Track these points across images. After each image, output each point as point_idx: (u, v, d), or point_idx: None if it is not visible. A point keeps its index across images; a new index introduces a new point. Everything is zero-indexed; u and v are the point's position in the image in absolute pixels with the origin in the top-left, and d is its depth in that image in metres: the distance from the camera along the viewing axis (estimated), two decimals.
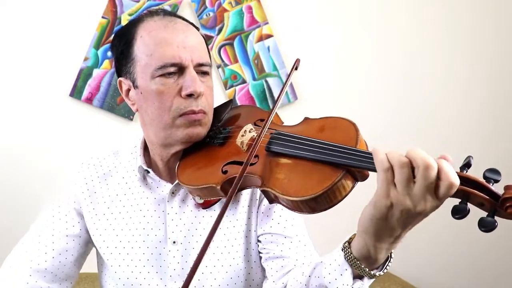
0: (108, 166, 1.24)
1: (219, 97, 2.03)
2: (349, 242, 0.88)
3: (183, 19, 1.15)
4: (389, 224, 0.78)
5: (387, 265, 0.87)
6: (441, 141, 2.38)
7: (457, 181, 0.73)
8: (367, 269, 0.85)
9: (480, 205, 0.75)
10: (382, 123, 2.35)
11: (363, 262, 0.85)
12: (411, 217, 0.76)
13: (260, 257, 1.16)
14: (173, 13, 1.16)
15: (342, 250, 0.88)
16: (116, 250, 1.15)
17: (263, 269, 1.16)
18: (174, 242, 1.13)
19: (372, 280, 0.89)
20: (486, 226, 0.72)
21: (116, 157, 1.26)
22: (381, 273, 0.87)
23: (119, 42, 1.13)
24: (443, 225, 2.34)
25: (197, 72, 1.08)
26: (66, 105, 2.24)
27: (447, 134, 2.40)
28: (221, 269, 1.12)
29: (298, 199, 0.84)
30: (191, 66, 1.07)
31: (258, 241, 1.15)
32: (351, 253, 0.86)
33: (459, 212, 0.73)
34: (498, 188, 0.75)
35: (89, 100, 2.24)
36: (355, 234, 0.86)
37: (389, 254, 0.87)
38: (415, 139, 2.37)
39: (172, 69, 1.06)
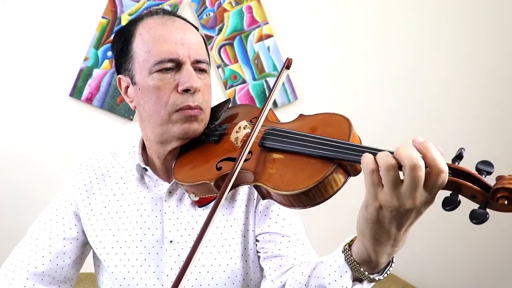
0: (106, 167, 1.24)
1: (219, 97, 2.03)
2: (350, 244, 0.87)
3: (183, 18, 1.16)
4: (383, 226, 0.76)
5: (387, 269, 0.86)
6: (441, 141, 2.35)
7: (445, 168, 0.71)
8: (367, 273, 0.84)
9: (472, 197, 0.74)
10: (382, 123, 2.35)
11: (363, 266, 0.84)
12: (402, 216, 0.75)
13: (258, 257, 1.15)
14: (172, 13, 1.16)
15: (343, 252, 0.87)
16: (113, 250, 1.15)
17: (261, 269, 1.16)
18: (171, 242, 1.13)
19: (372, 284, 0.88)
20: (477, 218, 0.70)
21: (114, 158, 1.26)
22: (381, 277, 0.86)
23: (119, 40, 1.14)
24: (443, 225, 2.34)
25: (194, 69, 1.08)
26: (66, 105, 2.24)
27: (447, 133, 2.40)
28: (218, 268, 1.12)
29: (289, 193, 0.84)
30: (188, 62, 1.07)
31: (256, 240, 1.15)
32: (351, 256, 0.85)
33: (449, 204, 0.72)
34: (490, 180, 0.73)
35: (89, 100, 2.24)
36: (356, 236, 0.85)
37: (391, 259, 0.85)
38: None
39: (169, 65, 1.07)
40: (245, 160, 0.94)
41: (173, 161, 1.13)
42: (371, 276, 0.84)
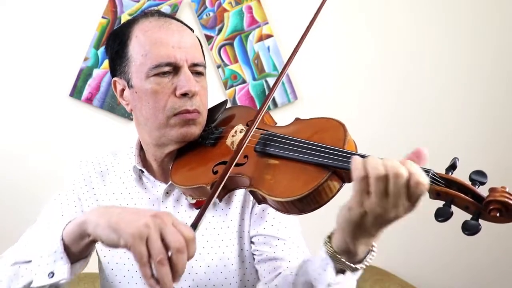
0: (106, 165, 1.25)
1: (219, 97, 2.03)
2: (330, 237, 0.89)
3: (178, 20, 1.16)
4: (364, 227, 0.80)
5: (368, 258, 0.88)
6: (441, 141, 2.38)
7: (425, 180, 0.73)
8: (348, 263, 0.86)
9: (465, 208, 0.75)
10: (382, 123, 2.35)
11: (343, 256, 0.86)
12: (385, 222, 0.78)
13: (254, 259, 1.16)
14: (168, 15, 1.16)
15: (324, 245, 0.89)
16: (112, 249, 1.15)
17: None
18: None
19: (356, 273, 0.89)
20: (469, 229, 0.71)
21: (114, 157, 1.26)
22: (362, 265, 0.88)
23: (114, 42, 1.14)
24: (442, 225, 2.34)
25: (191, 72, 1.09)
26: (66, 105, 2.24)
27: (446, 134, 2.40)
28: (215, 269, 1.12)
29: (284, 200, 0.85)
30: (185, 66, 1.08)
31: (251, 242, 1.15)
32: (331, 247, 0.87)
33: (441, 215, 0.73)
34: (484, 191, 0.74)
35: (89, 100, 2.24)
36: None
37: (371, 248, 0.88)
38: (414, 139, 2.36)
39: (167, 69, 1.06)
40: (241, 165, 0.95)
41: (170, 163, 1.14)
42: (352, 265, 0.86)
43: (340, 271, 0.89)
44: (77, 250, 0.90)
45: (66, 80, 2.23)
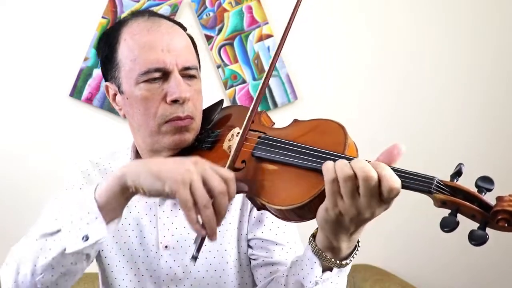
0: (104, 165, 1.22)
1: (219, 97, 2.03)
2: (314, 235, 0.89)
3: (170, 19, 1.12)
4: (342, 225, 0.81)
5: (354, 253, 0.89)
6: (441, 141, 2.38)
7: (397, 185, 0.73)
8: (333, 259, 0.87)
9: (472, 217, 0.73)
10: (382, 123, 2.35)
11: (328, 253, 0.87)
12: (361, 221, 0.79)
13: (250, 262, 1.15)
14: (158, 14, 1.13)
15: (309, 243, 0.90)
16: (113, 250, 1.15)
17: None
18: (166, 247, 1.12)
19: (343, 270, 0.90)
20: (476, 239, 0.69)
21: (113, 158, 1.24)
22: (348, 261, 0.89)
23: (104, 46, 1.10)
24: None
25: (183, 76, 1.05)
26: (66, 105, 2.24)
27: (446, 134, 2.39)
28: (214, 274, 1.12)
29: (284, 208, 0.83)
30: (176, 71, 1.04)
31: (249, 246, 1.14)
32: (316, 246, 0.88)
33: (447, 226, 0.71)
34: (491, 198, 0.72)
35: (89, 100, 2.24)
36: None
37: (357, 244, 0.88)
38: (414, 139, 2.36)
39: (156, 74, 1.03)
40: (238, 170, 0.92)
41: None
42: (338, 262, 0.87)
43: (327, 268, 0.89)
44: (114, 207, 0.87)
45: (66, 80, 2.23)
